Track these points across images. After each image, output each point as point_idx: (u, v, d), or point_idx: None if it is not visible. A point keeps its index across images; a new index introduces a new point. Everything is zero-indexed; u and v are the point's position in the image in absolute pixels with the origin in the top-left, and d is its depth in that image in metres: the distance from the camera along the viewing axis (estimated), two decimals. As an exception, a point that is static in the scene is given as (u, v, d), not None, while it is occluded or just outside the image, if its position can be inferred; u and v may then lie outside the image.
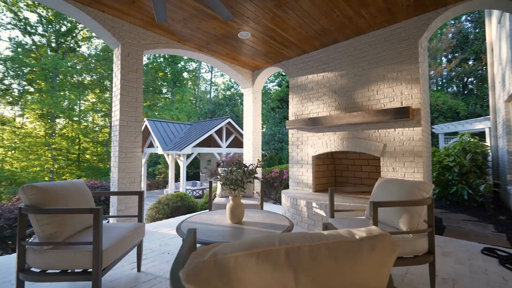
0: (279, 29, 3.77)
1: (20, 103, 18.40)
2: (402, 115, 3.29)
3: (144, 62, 20.74)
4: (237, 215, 2.24)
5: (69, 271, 1.80)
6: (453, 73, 16.73)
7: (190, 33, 3.88)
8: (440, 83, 18.76)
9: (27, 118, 19.36)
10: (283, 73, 19.04)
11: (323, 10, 3.30)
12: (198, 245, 1.92)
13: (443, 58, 17.83)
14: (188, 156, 11.43)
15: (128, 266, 2.55)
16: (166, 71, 23.70)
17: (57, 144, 18.40)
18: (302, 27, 3.71)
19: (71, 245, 1.77)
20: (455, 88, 18.02)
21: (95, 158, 20.68)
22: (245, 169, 2.30)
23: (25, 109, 18.55)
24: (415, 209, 2.13)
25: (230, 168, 2.25)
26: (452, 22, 16.16)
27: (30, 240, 1.88)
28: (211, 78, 26.28)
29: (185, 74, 25.11)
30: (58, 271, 1.77)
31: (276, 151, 14.88)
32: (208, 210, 3.30)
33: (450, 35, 16.30)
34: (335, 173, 4.98)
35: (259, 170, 5.64)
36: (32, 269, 1.79)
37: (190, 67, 24.74)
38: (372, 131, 3.79)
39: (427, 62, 4.01)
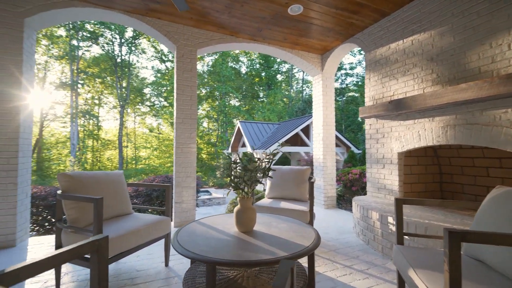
0: (337, -10, 2.96)
1: (159, 115, 24.27)
2: None
3: (243, 71, 22.72)
4: (244, 222, 1.78)
5: (86, 256, 1.92)
6: None
7: (239, 22, 3.67)
8: None
9: (163, 126, 25.39)
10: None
11: None
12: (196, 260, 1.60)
13: None
14: (274, 155, 11.42)
15: (159, 259, 2.58)
16: (262, 75, 25.03)
17: (181, 146, 23.02)
18: (368, -22, 2.75)
19: (79, 231, 1.87)
20: None
21: (209, 156, 24.48)
22: (258, 164, 1.81)
23: (162, 119, 24.34)
24: None
25: (232, 162, 1.83)
26: None
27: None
28: (303, 76, 25.61)
29: (278, 76, 25.70)
30: (77, 253, 1.92)
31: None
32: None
33: None
34: (441, 178, 3.48)
35: (332, 170, 4.73)
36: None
37: (283, 69, 25.10)
38: (500, 111, 2.33)
39: None
